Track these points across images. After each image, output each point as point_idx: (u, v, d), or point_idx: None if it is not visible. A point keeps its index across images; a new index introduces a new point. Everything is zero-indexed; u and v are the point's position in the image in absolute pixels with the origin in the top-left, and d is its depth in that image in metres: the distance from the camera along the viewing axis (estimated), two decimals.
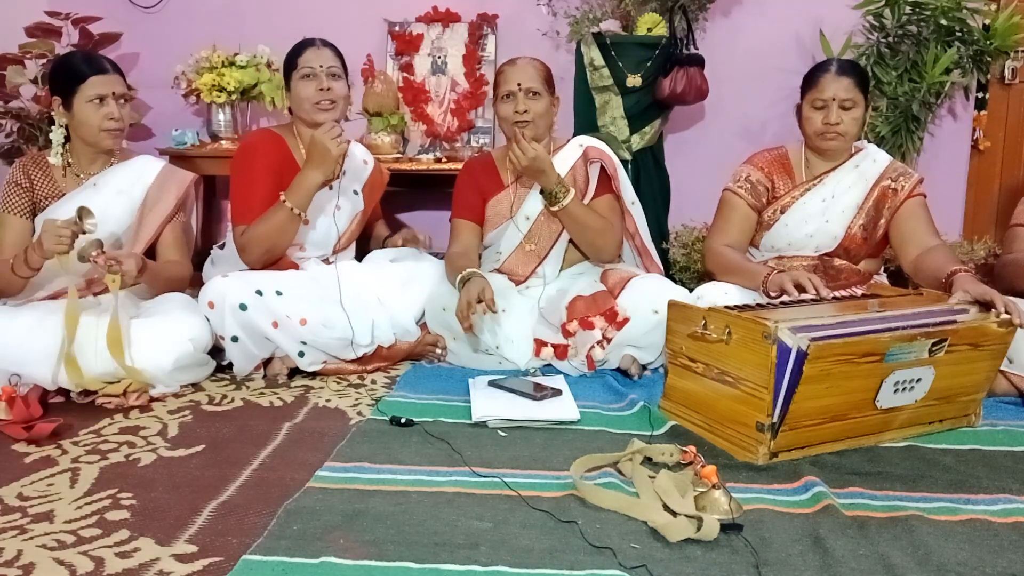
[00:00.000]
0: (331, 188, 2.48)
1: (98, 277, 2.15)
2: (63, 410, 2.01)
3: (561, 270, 2.55)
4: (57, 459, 1.74)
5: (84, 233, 2.07)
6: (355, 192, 2.57)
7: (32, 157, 2.37)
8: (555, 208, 2.40)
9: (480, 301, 2.17)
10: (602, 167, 2.51)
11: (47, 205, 2.29)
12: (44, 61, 3.16)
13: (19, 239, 2.26)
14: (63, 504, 1.53)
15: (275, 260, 2.39)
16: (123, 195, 2.33)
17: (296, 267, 2.45)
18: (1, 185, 2.35)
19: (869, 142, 2.57)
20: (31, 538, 1.40)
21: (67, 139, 2.33)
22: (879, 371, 1.73)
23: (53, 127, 2.31)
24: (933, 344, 1.76)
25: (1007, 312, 1.87)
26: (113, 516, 1.48)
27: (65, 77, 2.26)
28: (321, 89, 2.37)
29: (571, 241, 2.51)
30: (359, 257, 2.65)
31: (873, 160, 2.41)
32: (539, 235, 2.51)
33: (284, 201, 2.30)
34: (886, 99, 3.06)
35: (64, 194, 2.31)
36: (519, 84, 2.40)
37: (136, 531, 1.43)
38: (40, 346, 2.01)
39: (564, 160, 2.49)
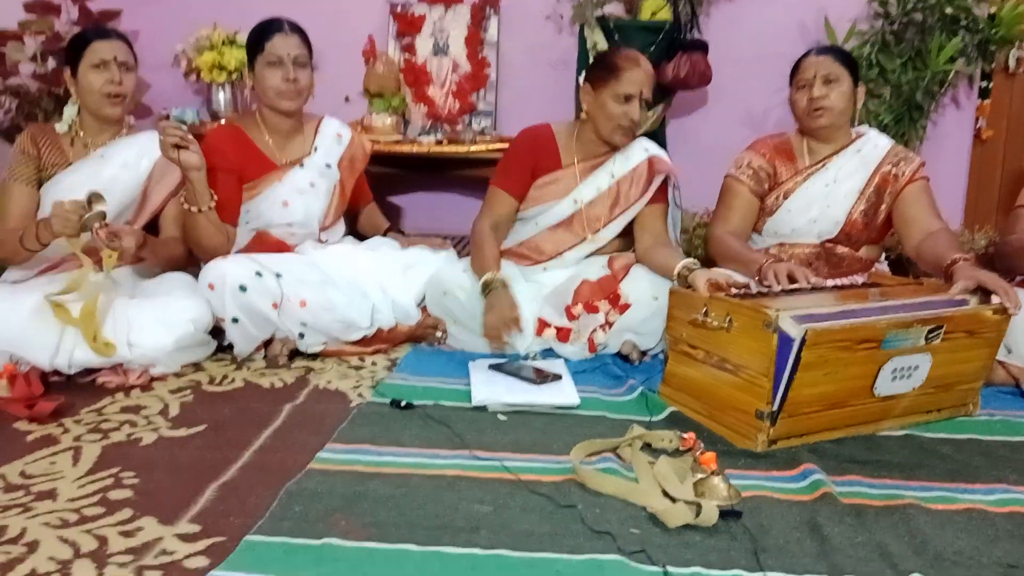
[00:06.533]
0: (302, 166, 2.48)
1: (96, 247, 2.16)
2: (64, 389, 2.01)
3: (587, 256, 2.51)
4: (59, 437, 1.75)
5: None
6: (328, 166, 2.55)
7: (39, 126, 2.40)
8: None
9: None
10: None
11: (53, 173, 2.30)
12: (43, 38, 3.14)
13: (25, 208, 2.28)
14: (66, 483, 1.54)
15: (226, 251, 2.36)
16: (129, 169, 2.34)
17: (290, 249, 2.45)
18: (8, 155, 2.36)
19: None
20: (35, 516, 1.41)
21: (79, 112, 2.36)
22: (877, 358, 1.74)
23: (68, 103, 2.35)
24: (930, 331, 1.77)
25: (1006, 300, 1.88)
26: (116, 495, 1.49)
27: (72, 46, 2.32)
28: (287, 79, 2.36)
29: (620, 236, 2.50)
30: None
31: (875, 145, 2.40)
32: (583, 220, 2.47)
33: (187, 207, 2.26)
34: (889, 87, 3.05)
35: (71, 163, 2.32)
36: (641, 92, 2.31)
37: (139, 510, 1.44)
38: (40, 330, 2.01)
39: (628, 159, 2.45)
